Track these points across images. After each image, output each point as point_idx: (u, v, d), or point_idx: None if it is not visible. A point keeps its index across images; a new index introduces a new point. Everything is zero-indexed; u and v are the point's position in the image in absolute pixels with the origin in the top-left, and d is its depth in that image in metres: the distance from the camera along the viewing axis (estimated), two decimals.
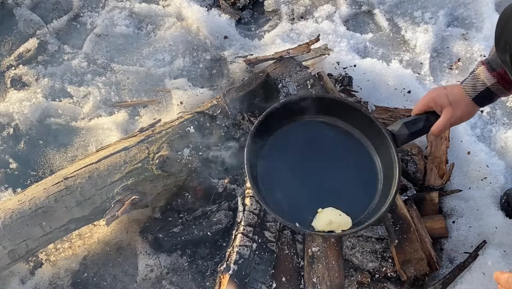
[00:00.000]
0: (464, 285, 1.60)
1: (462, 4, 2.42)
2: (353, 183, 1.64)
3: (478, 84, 1.40)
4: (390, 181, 1.58)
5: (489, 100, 1.43)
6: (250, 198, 1.62)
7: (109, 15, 2.32)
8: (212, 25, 2.28)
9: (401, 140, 1.57)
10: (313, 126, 1.71)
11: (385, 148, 1.60)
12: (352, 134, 1.70)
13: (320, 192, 1.61)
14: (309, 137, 1.69)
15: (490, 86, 1.38)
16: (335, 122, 1.71)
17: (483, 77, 1.38)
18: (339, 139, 1.70)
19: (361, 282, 1.61)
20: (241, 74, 2.14)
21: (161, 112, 2.06)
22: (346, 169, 1.65)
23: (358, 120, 1.67)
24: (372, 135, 1.66)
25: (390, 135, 1.57)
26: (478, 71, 1.40)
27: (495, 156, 1.95)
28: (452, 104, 1.44)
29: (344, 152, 1.68)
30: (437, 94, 1.48)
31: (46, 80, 2.13)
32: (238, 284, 1.49)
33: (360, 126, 1.68)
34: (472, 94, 1.41)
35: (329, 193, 1.61)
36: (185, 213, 1.70)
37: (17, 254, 1.55)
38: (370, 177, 1.65)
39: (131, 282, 1.69)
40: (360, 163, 1.67)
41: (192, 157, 1.67)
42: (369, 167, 1.66)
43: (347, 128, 1.71)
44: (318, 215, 1.54)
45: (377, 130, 1.61)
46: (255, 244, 1.56)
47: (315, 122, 1.72)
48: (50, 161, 1.98)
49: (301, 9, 2.42)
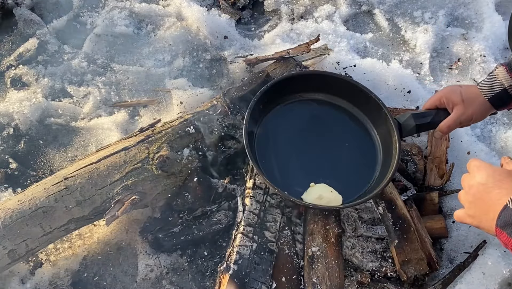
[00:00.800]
0: (464, 285, 1.60)
1: (462, 4, 2.42)
2: (351, 164, 1.67)
3: (495, 85, 1.39)
4: (387, 169, 1.60)
5: (504, 103, 1.42)
6: (250, 198, 1.62)
7: (109, 15, 2.32)
8: (212, 25, 2.28)
9: (407, 131, 1.58)
10: (318, 105, 1.75)
11: (389, 135, 1.61)
12: (357, 117, 1.73)
13: (316, 168, 1.64)
14: (313, 114, 1.73)
15: (507, 87, 1.38)
16: (340, 102, 1.74)
17: (501, 78, 1.38)
18: (342, 120, 1.74)
19: (361, 282, 1.61)
20: (241, 74, 2.14)
21: (161, 112, 2.06)
22: (346, 150, 1.68)
23: (364, 105, 1.69)
24: (378, 122, 1.68)
25: (397, 124, 1.58)
26: (497, 72, 1.39)
27: (495, 156, 1.95)
28: (465, 102, 1.43)
29: (346, 133, 1.71)
30: (451, 90, 1.47)
31: (46, 80, 2.13)
32: (238, 284, 1.49)
33: (366, 110, 1.70)
34: (489, 94, 1.40)
35: (325, 170, 1.64)
36: (185, 213, 1.70)
37: (17, 254, 1.55)
38: (369, 160, 1.67)
39: (131, 282, 1.69)
40: (360, 145, 1.71)
41: (192, 157, 1.67)
42: (369, 151, 1.69)
43: (353, 111, 1.73)
44: (309, 189, 1.58)
45: (384, 117, 1.62)
46: (255, 244, 1.56)
47: (320, 101, 1.74)
48: (50, 161, 1.98)
49: (301, 9, 2.42)
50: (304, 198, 1.56)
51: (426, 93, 2.10)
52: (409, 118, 1.56)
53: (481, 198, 1.01)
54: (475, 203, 1.02)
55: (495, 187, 0.99)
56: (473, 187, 1.03)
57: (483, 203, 1.01)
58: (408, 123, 1.56)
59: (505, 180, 0.99)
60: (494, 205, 0.96)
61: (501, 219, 0.94)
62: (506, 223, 0.93)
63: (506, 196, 0.95)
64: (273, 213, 1.63)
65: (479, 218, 1.02)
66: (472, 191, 1.03)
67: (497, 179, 1.00)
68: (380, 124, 1.67)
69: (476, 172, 1.04)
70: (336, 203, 1.55)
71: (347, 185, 1.61)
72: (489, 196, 0.99)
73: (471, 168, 1.06)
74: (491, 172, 1.01)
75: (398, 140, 1.58)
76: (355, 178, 1.65)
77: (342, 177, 1.62)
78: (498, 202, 0.96)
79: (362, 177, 1.65)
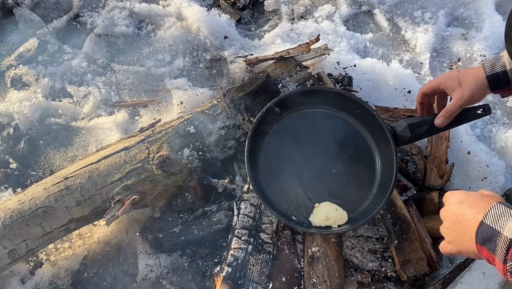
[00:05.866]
0: (464, 285, 1.60)
1: (462, 4, 2.42)
2: (351, 178, 1.65)
3: (498, 65, 1.40)
4: (387, 178, 1.59)
5: (500, 86, 1.41)
6: (244, 202, 1.63)
7: (109, 15, 2.32)
8: (212, 25, 2.28)
9: (402, 141, 1.58)
10: (316, 118, 1.72)
11: (386, 145, 1.61)
12: (355, 128, 1.71)
13: (318, 186, 1.63)
14: (311, 128, 1.70)
15: (509, 70, 1.38)
16: (339, 114, 1.72)
17: (505, 60, 1.39)
18: (341, 133, 1.71)
19: (361, 282, 1.61)
20: (241, 74, 2.14)
21: (161, 112, 2.06)
22: (346, 163, 1.67)
23: (361, 116, 1.68)
24: (374, 131, 1.67)
25: (392, 134, 1.58)
26: (503, 53, 1.40)
27: (495, 156, 1.95)
28: (462, 85, 1.43)
29: (345, 146, 1.70)
30: (448, 76, 1.48)
31: (46, 80, 2.13)
32: (232, 285, 1.50)
33: (363, 121, 1.69)
34: (488, 72, 1.41)
35: (327, 187, 1.63)
36: (185, 213, 1.70)
37: (17, 254, 1.55)
38: (369, 172, 1.67)
39: (131, 282, 1.69)
40: (360, 158, 1.69)
41: (192, 157, 1.67)
42: (369, 163, 1.68)
43: (351, 122, 1.71)
44: (315, 210, 1.58)
45: (379, 127, 1.62)
46: (251, 246, 1.57)
47: (318, 114, 1.73)
48: (50, 161, 1.98)
49: (301, 9, 2.42)
50: (312, 220, 1.57)
51: None
52: (405, 129, 1.56)
53: (457, 220, 1.03)
54: (452, 227, 1.05)
55: (469, 207, 1.02)
56: (448, 212, 1.07)
57: (459, 225, 1.03)
58: (404, 134, 1.56)
59: (479, 201, 1.02)
60: (470, 225, 0.99)
61: (479, 236, 0.96)
62: (484, 239, 0.95)
63: (480, 213, 0.97)
64: (270, 215, 1.63)
65: (458, 241, 1.04)
66: (449, 216, 1.06)
67: (471, 200, 1.03)
68: (376, 134, 1.66)
69: (451, 197, 1.08)
70: (342, 220, 1.56)
71: (350, 199, 1.61)
72: (464, 217, 1.02)
73: (446, 196, 1.10)
74: (464, 195, 1.06)
75: (394, 150, 1.58)
76: (357, 191, 1.64)
77: (344, 192, 1.62)
78: (473, 220, 0.99)
79: (363, 189, 1.64)
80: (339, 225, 1.55)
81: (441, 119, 1.50)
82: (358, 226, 1.58)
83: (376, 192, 1.63)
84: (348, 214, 1.57)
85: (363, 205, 1.62)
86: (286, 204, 1.60)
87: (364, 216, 1.56)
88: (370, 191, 1.64)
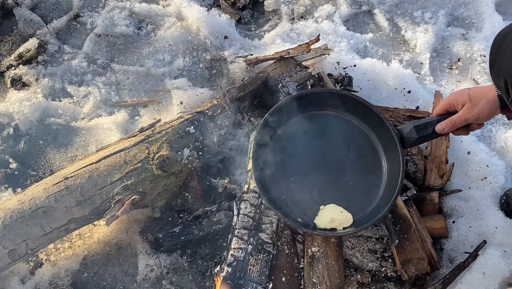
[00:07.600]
0: (464, 285, 1.60)
1: (462, 4, 2.42)
2: (357, 180, 1.64)
3: None
4: (394, 181, 1.58)
5: None
6: (244, 202, 1.63)
7: (109, 15, 2.32)
8: (212, 25, 2.28)
9: (409, 143, 1.57)
10: (322, 120, 1.72)
11: (393, 147, 1.60)
12: (361, 131, 1.70)
13: (323, 188, 1.62)
14: (317, 131, 1.69)
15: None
16: (345, 117, 1.72)
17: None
18: (347, 136, 1.70)
19: (361, 282, 1.61)
20: (241, 74, 2.14)
21: (161, 112, 2.06)
22: (352, 166, 1.66)
23: (368, 118, 1.68)
24: (381, 134, 1.66)
25: (398, 136, 1.57)
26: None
27: (495, 156, 1.95)
28: (472, 101, 1.42)
29: (351, 148, 1.69)
30: (460, 93, 1.47)
31: (46, 80, 2.13)
32: (232, 285, 1.50)
33: (370, 124, 1.69)
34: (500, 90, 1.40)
35: (332, 189, 1.62)
36: (185, 213, 1.70)
37: (17, 254, 1.55)
38: (375, 175, 1.65)
39: (131, 282, 1.69)
40: (366, 160, 1.68)
41: (192, 157, 1.67)
42: (375, 165, 1.67)
43: (358, 124, 1.71)
44: (320, 212, 1.56)
45: (386, 130, 1.61)
46: (251, 246, 1.57)
47: (324, 116, 1.72)
48: (50, 161, 1.98)
49: (301, 9, 2.42)
50: (317, 222, 1.56)
51: (426, 93, 2.10)
52: (411, 130, 1.54)
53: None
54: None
55: None
56: None
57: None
58: (410, 136, 1.55)
59: None
60: None
61: None
62: None
63: None
64: (270, 215, 1.63)
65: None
66: None
67: None
68: (383, 136, 1.65)
69: None
70: (347, 223, 1.55)
71: (355, 202, 1.60)
72: None
73: None
74: None
75: (401, 153, 1.57)
76: (363, 193, 1.63)
77: (350, 194, 1.61)
78: None
79: (369, 192, 1.63)
80: (344, 227, 1.54)
81: (442, 126, 1.49)
82: (363, 228, 1.56)
83: (382, 194, 1.62)
84: (353, 217, 1.56)
85: (369, 208, 1.60)
86: (291, 205, 1.59)
87: (370, 218, 1.55)
88: (376, 193, 1.62)
